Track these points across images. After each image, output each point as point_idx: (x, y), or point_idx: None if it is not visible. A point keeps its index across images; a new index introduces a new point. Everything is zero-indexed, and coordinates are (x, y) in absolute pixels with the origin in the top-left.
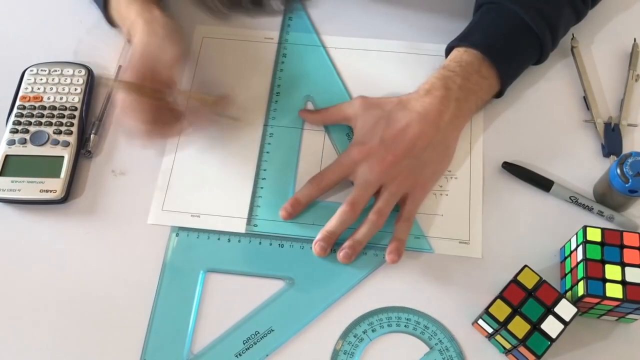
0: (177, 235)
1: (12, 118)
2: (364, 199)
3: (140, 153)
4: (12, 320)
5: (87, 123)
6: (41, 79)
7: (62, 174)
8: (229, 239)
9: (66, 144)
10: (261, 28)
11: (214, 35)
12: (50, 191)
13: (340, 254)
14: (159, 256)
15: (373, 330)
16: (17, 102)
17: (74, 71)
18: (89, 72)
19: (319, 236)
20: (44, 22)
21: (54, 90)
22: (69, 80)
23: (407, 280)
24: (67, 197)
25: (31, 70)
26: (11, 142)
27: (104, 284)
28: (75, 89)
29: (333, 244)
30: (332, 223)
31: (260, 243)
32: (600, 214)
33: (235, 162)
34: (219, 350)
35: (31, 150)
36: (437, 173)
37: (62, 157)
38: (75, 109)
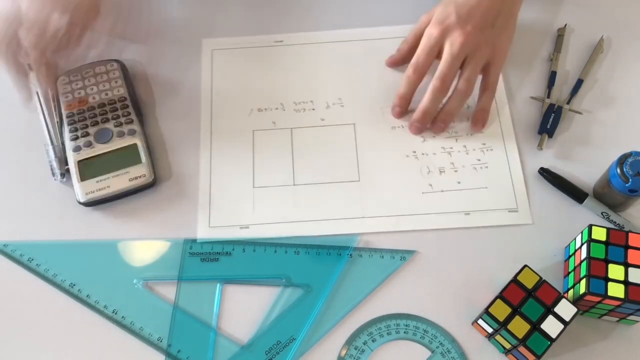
0: (190, 248)
1: (66, 127)
2: (452, 73)
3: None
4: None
5: (142, 109)
6: (77, 84)
7: (143, 159)
8: (243, 249)
9: (133, 132)
10: (270, 32)
11: (223, 46)
12: (140, 177)
13: (434, 128)
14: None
15: (373, 341)
16: (64, 112)
17: (106, 67)
18: (120, 64)
19: (415, 116)
20: None
21: (95, 89)
22: (105, 77)
23: (404, 285)
24: (156, 179)
25: (63, 80)
26: (77, 149)
27: None
28: (116, 81)
29: (428, 123)
30: (425, 103)
31: (275, 251)
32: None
33: (273, 168)
34: None
35: (100, 148)
36: (509, 39)
37: (135, 144)
38: (125, 98)
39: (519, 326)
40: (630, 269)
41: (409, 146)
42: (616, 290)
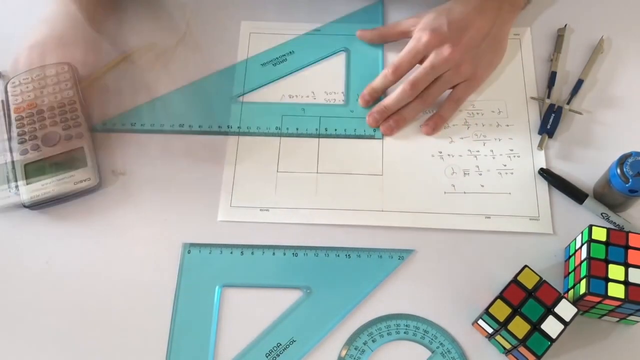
0: (189, 252)
1: (15, 130)
2: (425, 81)
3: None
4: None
5: (91, 111)
6: (27, 87)
7: (89, 162)
8: (241, 252)
9: (80, 135)
10: (307, 21)
11: (261, 31)
12: (84, 180)
13: (384, 126)
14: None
15: (373, 341)
16: (13, 115)
17: (56, 70)
18: (71, 66)
19: (374, 109)
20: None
21: (45, 92)
22: (55, 79)
23: (404, 285)
24: (101, 183)
25: (13, 83)
26: (24, 152)
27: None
28: (66, 84)
29: (384, 118)
30: (390, 99)
31: (274, 254)
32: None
33: (298, 155)
34: None
35: (47, 152)
36: (492, 64)
37: (82, 147)
38: (74, 102)
39: (519, 326)
40: (631, 269)
41: (435, 146)
42: (616, 290)
